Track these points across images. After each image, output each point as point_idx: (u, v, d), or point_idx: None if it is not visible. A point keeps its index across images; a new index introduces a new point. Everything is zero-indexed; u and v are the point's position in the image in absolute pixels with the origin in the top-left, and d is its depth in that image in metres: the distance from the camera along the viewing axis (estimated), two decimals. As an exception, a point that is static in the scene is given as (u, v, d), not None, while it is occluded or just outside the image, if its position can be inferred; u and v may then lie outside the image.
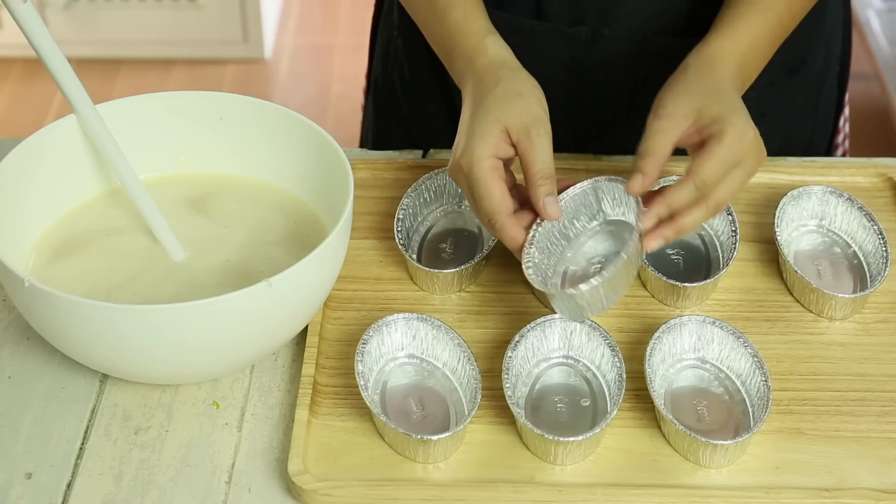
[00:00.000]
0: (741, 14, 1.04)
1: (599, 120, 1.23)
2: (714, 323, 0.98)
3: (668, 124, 0.97)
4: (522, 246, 0.96)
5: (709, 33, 1.04)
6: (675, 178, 1.11)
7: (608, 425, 0.92)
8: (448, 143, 1.29)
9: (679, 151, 1.20)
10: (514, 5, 1.10)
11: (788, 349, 1.01)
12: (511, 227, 0.96)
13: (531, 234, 0.97)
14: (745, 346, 0.97)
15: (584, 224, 1.01)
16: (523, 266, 0.96)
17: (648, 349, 0.96)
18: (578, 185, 1.00)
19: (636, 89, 1.22)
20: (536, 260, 0.97)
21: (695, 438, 0.90)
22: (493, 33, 1.03)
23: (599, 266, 0.99)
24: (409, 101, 1.31)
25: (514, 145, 0.97)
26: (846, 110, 1.36)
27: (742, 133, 0.96)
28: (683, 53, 1.19)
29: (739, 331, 0.98)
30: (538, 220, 0.98)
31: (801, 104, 1.27)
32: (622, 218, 1.00)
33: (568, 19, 1.18)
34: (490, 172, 0.96)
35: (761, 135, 1.04)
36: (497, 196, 0.96)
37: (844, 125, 1.36)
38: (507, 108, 0.97)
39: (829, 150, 1.35)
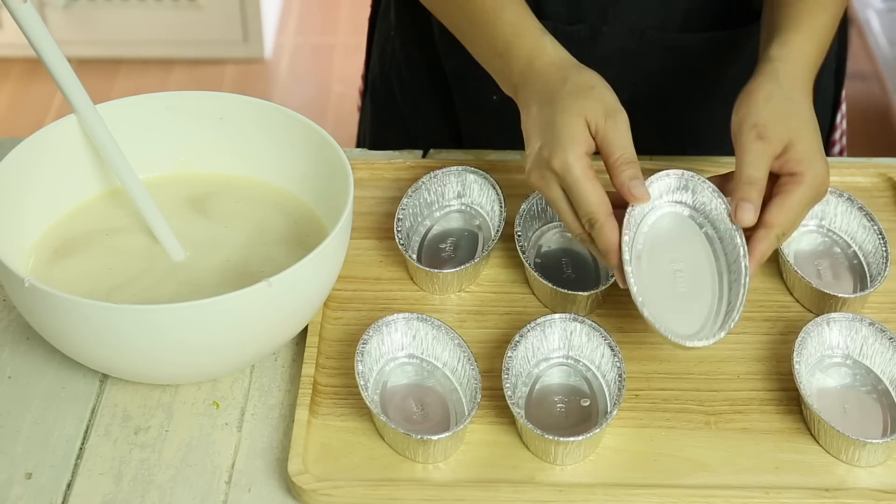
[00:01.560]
0: (810, 10, 1.04)
1: None
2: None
3: (768, 149, 0.96)
4: (618, 248, 0.94)
5: (782, 30, 1.03)
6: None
7: (608, 425, 0.92)
8: (446, 142, 1.29)
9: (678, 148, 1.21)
10: None
11: (788, 349, 1.00)
12: (611, 230, 0.94)
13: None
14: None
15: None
16: (633, 296, 0.93)
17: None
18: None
19: (636, 85, 1.21)
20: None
21: (841, 434, 0.91)
22: (547, 33, 1.03)
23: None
24: (406, 101, 1.31)
25: (593, 137, 0.97)
26: (843, 107, 1.36)
27: (820, 177, 0.97)
28: (682, 48, 1.19)
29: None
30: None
31: None
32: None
33: (566, 17, 1.17)
34: (587, 171, 0.95)
35: None
36: (598, 195, 0.94)
37: (842, 122, 1.37)
38: (584, 101, 0.97)
39: (826, 148, 1.35)
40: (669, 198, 0.99)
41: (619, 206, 0.96)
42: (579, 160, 0.95)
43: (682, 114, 1.25)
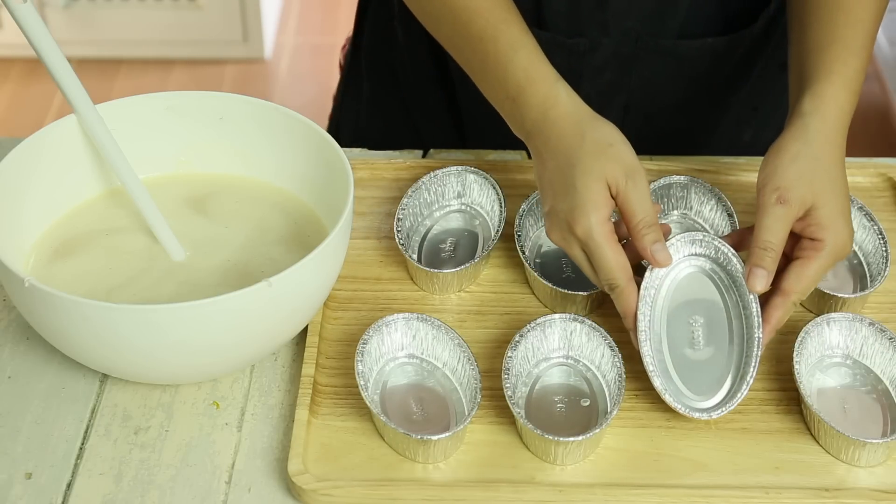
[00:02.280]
0: (839, 57, 1.01)
1: None
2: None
3: (788, 213, 0.95)
4: (635, 313, 0.95)
5: (812, 80, 1.00)
6: (679, 178, 1.11)
7: (608, 425, 0.92)
8: (448, 131, 1.29)
9: (688, 148, 1.21)
10: None
11: (788, 349, 1.00)
12: (631, 293, 0.95)
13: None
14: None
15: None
16: (642, 355, 0.95)
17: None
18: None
19: (631, 90, 1.21)
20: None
21: (841, 434, 0.91)
22: (560, 79, 1.01)
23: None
24: (409, 91, 1.30)
25: (614, 198, 0.96)
26: None
27: (841, 242, 0.96)
28: (677, 54, 1.19)
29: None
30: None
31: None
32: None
33: (566, 31, 1.17)
34: (609, 237, 0.95)
35: (754, 129, 1.02)
36: (619, 261, 0.95)
37: None
38: (604, 162, 0.95)
39: None
40: (690, 251, 0.99)
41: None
42: (601, 226, 0.95)
43: (676, 118, 1.25)
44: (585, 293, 1.02)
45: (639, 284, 0.96)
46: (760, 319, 0.96)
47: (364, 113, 1.36)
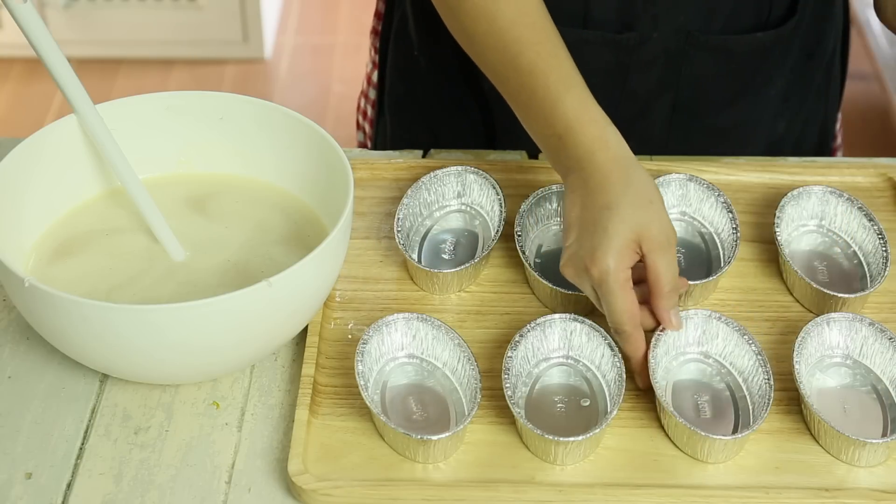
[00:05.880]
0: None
1: (641, 119, 1.22)
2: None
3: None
4: (645, 357, 0.96)
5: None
6: (679, 176, 1.11)
7: (608, 425, 0.92)
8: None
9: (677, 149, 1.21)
10: (560, 15, 1.07)
11: (788, 349, 1.00)
12: (637, 339, 0.96)
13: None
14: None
15: None
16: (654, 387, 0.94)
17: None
18: None
19: (679, 86, 1.21)
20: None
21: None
22: (611, 123, 1.00)
23: None
24: (440, 118, 1.29)
25: (642, 253, 0.96)
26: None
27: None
28: (726, 49, 1.18)
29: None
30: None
31: (816, 84, 1.28)
32: None
33: (616, 26, 1.16)
34: (623, 285, 0.95)
35: (787, 121, 1.01)
36: (629, 309, 0.95)
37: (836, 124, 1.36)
38: (642, 218, 0.95)
39: (830, 150, 1.35)
40: (697, 349, 0.99)
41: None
42: (619, 273, 0.94)
43: (724, 114, 1.25)
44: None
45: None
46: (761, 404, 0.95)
47: (384, 140, 1.35)
